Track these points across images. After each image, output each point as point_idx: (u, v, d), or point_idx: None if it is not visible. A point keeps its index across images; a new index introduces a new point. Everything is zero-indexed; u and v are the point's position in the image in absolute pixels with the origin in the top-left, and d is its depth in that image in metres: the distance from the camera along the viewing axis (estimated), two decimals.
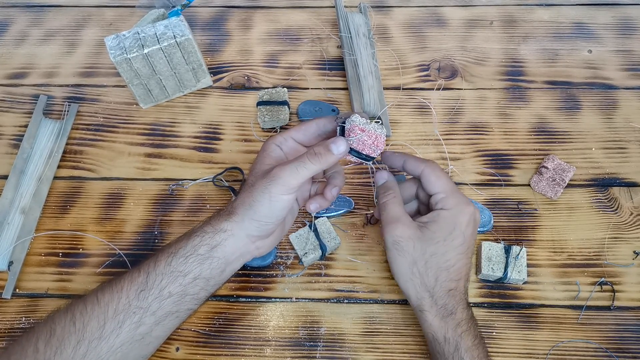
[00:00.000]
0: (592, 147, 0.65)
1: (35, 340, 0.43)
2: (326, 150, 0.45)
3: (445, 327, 0.47)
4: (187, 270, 0.45)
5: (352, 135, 0.46)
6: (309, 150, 0.45)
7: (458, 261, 0.48)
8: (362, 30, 0.71)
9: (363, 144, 0.46)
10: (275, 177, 0.44)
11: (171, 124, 0.69)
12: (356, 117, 0.46)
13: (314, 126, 0.49)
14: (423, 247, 0.48)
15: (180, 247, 0.46)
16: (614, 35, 0.75)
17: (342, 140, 0.46)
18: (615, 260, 0.57)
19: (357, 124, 0.46)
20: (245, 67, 0.74)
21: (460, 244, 0.48)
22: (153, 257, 0.46)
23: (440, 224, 0.48)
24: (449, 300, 0.47)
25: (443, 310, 0.47)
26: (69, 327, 0.43)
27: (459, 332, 0.46)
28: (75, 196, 0.63)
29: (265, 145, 0.49)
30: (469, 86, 0.71)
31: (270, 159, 0.48)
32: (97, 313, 0.43)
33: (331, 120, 0.49)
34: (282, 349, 0.53)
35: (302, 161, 0.45)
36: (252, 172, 0.48)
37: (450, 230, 0.48)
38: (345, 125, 0.47)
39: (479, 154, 0.65)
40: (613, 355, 0.52)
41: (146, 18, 0.72)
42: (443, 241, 0.47)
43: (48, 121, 0.68)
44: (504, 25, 0.77)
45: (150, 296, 0.44)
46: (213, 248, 0.46)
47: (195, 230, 0.47)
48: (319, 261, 0.58)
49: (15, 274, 0.58)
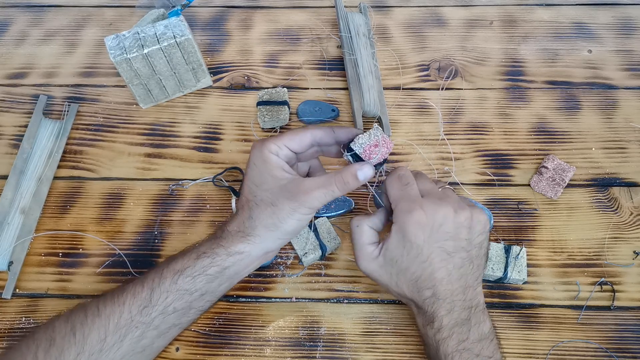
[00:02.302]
0: (592, 147, 0.65)
1: (35, 348, 0.42)
2: (354, 179, 0.46)
3: (427, 334, 0.47)
4: (195, 288, 0.45)
5: (374, 156, 0.47)
6: (337, 177, 0.46)
7: (424, 270, 0.46)
8: (362, 30, 0.71)
9: (382, 155, 0.47)
10: (304, 201, 0.45)
11: (171, 124, 0.69)
12: (362, 138, 0.47)
13: (308, 137, 0.48)
14: (388, 271, 0.47)
15: (188, 265, 0.45)
16: (614, 35, 0.75)
17: (368, 167, 0.47)
18: (615, 260, 0.57)
19: (367, 144, 0.47)
20: (245, 67, 0.74)
21: (418, 254, 0.46)
22: (157, 271, 0.46)
23: (392, 240, 0.47)
24: (426, 307, 0.47)
25: (424, 317, 0.47)
26: (69, 338, 0.42)
27: (437, 340, 0.46)
28: (75, 196, 0.63)
29: (263, 154, 0.47)
30: (469, 86, 0.71)
31: (277, 171, 0.47)
32: (98, 325, 0.43)
33: (328, 133, 0.49)
34: (282, 349, 0.53)
35: (331, 189, 0.46)
36: (258, 185, 0.47)
37: (402, 244, 0.46)
38: (356, 151, 0.47)
39: (479, 154, 0.65)
40: (613, 355, 0.52)
41: (146, 18, 0.72)
42: (400, 257, 0.47)
43: (48, 121, 0.68)
44: (504, 25, 0.77)
45: (154, 312, 0.44)
46: (225, 269, 0.46)
47: (203, 249, 0.46)
48: (319, 261, 0.58)
49: (15, 274, 0.58)
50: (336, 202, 0.61)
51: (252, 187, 0.47)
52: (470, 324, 0.46)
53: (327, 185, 0.46)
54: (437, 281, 0.46)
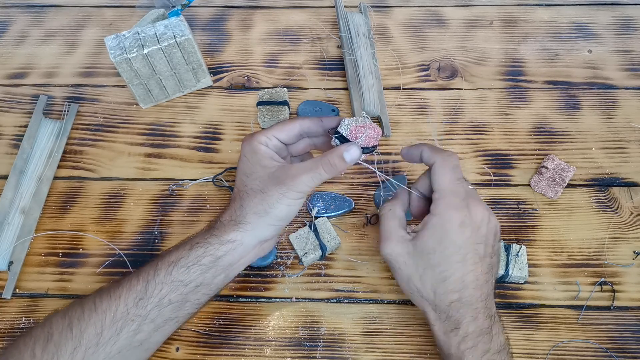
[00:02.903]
0: (592, 147, 0.65)
1: (32, 344, 0.42)
2: (340, 161, 0.45)
3: (448, 342, 0.45)
4: (189, 279, 0.45)
5: (360, 135, 0.46)
6: (324, 159, 0.45)
7: (456, 271, 0.45)
8: (362, 30, 0.71)
9: (369, 138, 0.46)
10: (292, 186, 0.45)
11: (171, 124, 0.69)
12: (347, 120, 0.46)
13: (297, 127, 0.49)
14: (415, 262, 0.46)
15: (182, 256, 0.45)
16: (614, 35, 0.75)
17: (355, 147, 0.46)
18: (615, 260, 0.57)
19: (354, 125, 0.46)
20: (245, 67, 0.74)
21: (454, 253, 0.45)
22: (152, 264, 0.46)
23: (430, 232, 0.46)
24: (452, 312, 0.45)
25: (447, 324, 0.45)
26: (66, 333, 0.42)
27: (462, 349, 0.44)
28: (75, 196, 0.63)
29: (253, 145, 0.47)
30: (469, 86, 0.71)
31: (266, 160, 0.47)
32: (95, 320, 0.43)
33: (315, 122, 0.48)
34: (282, 349, 0.53)
35: (318, 172, 0.45)
36: (248, 175, 0.47)
37: (440, 239, 0.45)
38: (342, 132, 0.46)
39: (479, 154, 0.65)
40: (613, 355, 0.52)
41: (146, 18, 0.72)
42: (433, 252, 0.46)
43: (48, 121, 0.68)
44: (504, 25, 0.77)
45: (149, 305, 0.44)
46: (218, 258, 0.46)
47: (197, 239, 0.47)
48: (319, 261, 0.58)
49: (15, 274, 0.58)
50: (336, 202, 0.61)
51: (243, 178, 0.48)
52: (492, 334, 0.45)
53: (314, 168, 0.45)
54: (466, 285, 0.45)
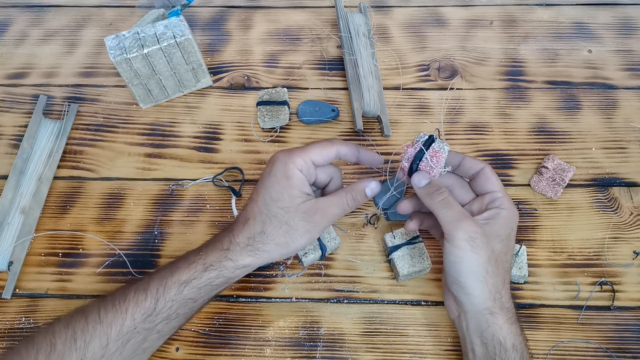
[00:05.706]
0: (592, 147, 0.65)
1: (35, 353, 0.42)
2: (362, 196, 0.48)
3: (514, 332, 0.45)
4: (199, 296, 0.46)
5: (436, 165, 0.48)
6: (348, 195, 0.48)
7: (508, 272, 0.48)
8: (362, 30, 0.71)
9: (438, 162, 0.48)
10: (318, 223, 0.47)
11: (171, 124, 0.69)
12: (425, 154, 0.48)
13: (334, 153, 0.49)
14: (491, 245, 0.46)
15: (194, 277, 0.45)
16: (614, 35, 0.75)
17: (375, 183, 0.48)
18: (615, 260, 0.57)
19: (428, 161, 0.48)
20: (245, 67, 0.74)
21: (513, 246, 0.48)
22: (160, 280, 0.45)
23: (501, 223, 0.47)
24: (511, 305, 0.47)
25: (511, 315, 0.46)
26: (70, 344, 0.42)
27: (522, 340, 0.45)
28: (75, 196, 0.63)
29: (288, 168, 0.46)
30: (469, 86, 0.71)
31: (297, 190, 0.46)
32: (100, 332, 0.43)
33: (353, 152, 0.50)
34: (282, 349, 0.53)
35: (343, 208, 0.48)
36: (275, 200, 0.46)
37: (509, 231, 0.48)
38: (414, 166, 0.49)
39: (479, 154, 0.65)
40: (613, 355, 0.52)
41: (146, 18, 0.72)
42: (503, 240, 0.47)
43: (48, 121, 0.68)
44: (504, 25, 0.77)
45: (157, 319, 0.44)
46: (230, 279, 0.47)
47: (210, 260, 0.46)
48: (319, 261, 0.58)
49: (15, 274, 0.58)
50: None
51: (267, 200, 0.46)
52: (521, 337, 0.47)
53: (340, 204, 0.48)
54: (508, 285, 0.48)
